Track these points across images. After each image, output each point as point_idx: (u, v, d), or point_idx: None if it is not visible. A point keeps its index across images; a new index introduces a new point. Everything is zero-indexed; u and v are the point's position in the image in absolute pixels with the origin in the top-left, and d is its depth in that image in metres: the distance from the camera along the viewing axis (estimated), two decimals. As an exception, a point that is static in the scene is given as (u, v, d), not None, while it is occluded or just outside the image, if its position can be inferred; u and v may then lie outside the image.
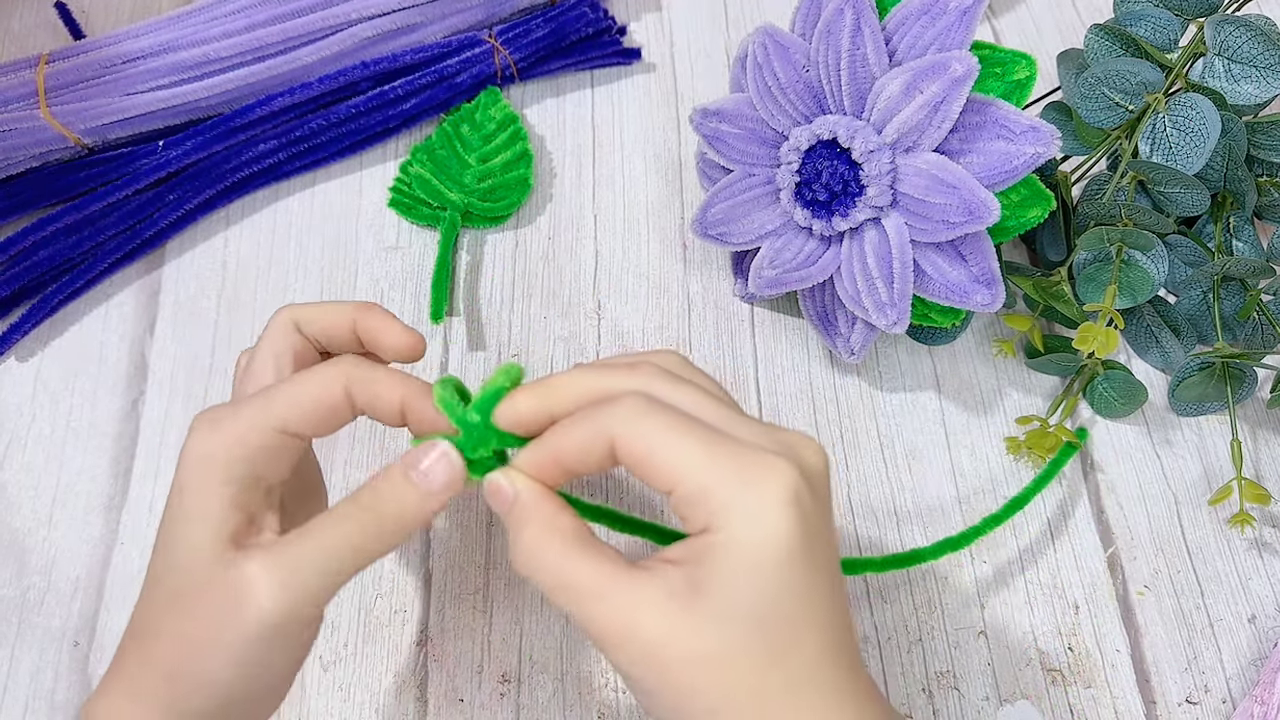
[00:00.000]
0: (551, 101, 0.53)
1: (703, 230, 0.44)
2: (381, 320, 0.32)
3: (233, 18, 0.48)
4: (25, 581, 0.40)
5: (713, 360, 0.46)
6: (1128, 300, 0.42)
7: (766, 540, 0.25)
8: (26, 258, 0.45)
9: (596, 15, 0.52)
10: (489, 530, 0.42)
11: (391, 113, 0.50)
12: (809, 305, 0.44)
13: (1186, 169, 0.40)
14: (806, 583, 0.26)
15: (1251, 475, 0.44)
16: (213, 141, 0.47)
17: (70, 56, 0.47)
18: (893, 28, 0.38)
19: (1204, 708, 0.39)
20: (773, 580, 0.25)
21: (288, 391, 0.29)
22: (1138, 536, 0.42)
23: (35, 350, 0.45)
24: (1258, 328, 0.44)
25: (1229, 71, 0.41)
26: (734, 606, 0.25)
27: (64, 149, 0.47)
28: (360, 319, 0.32)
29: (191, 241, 0.48)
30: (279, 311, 0.32)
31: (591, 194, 0.50)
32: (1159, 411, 0.45)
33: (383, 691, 0.39)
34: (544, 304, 0.47)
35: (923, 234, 0.38)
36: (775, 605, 0.25)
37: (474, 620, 0.40)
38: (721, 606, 0.25)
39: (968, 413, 0.45)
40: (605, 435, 0.27)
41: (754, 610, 0.25)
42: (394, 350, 0.32)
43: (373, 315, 0.32)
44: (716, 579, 0.25)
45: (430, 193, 0.48)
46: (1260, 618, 0.41)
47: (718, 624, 0.25)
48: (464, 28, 0.52)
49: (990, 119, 0.37)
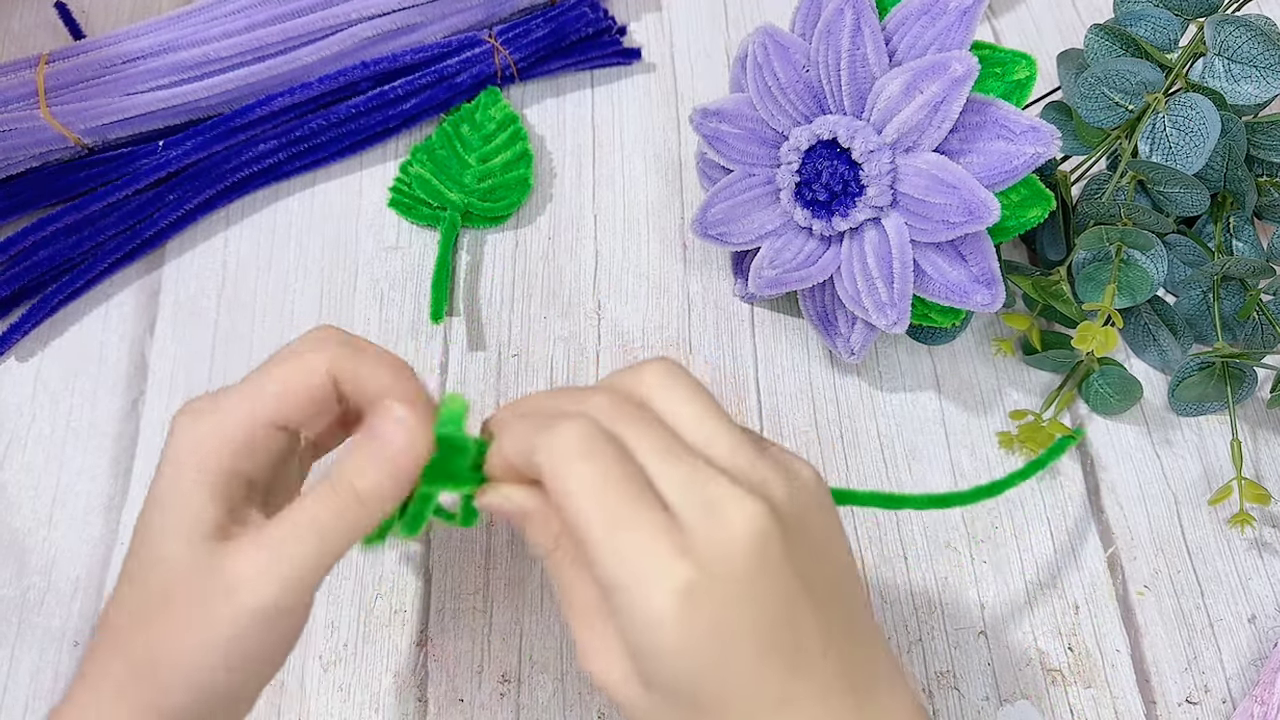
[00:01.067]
0: (551, 101, 0.53)
1: (703, 230, 0.44)
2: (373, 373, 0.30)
3: (233, 18, 0.48)
4: (25, 581, 0.40)
5: (713, 360, 0.46)
6: (1127, 300, 0.42)
7: (647, 626, 0.25)
8: (26, 258, 0.45)
9: (596, 15, 0.52)
10: (488, 530, 0.42)
11: (391, 113, 0.50)
12: (809, 305, 0.44)
13: (1186, 169, 0.40)
14: (714, 655, 0.25)
15: (1251, 475, 0.44)
16: (213, 141, 0.47)
17: (70, 56, 0.47)
18: (893, 28, 0.38)
19: (1204, 708, 0.39)
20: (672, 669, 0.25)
21: (268, 380, 0.28)
22: (1138, 536, 0.42)
23: (35, 350, 0.45)
24: (1257, 328, 0.44)
25: (1229, 71, 0.41)
26: (657, 685, 0.26)
27: (64, 149, 0.47)
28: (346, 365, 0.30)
29: (191, 241, 0.48)
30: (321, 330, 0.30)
31: (591, 194, 0.50)
32: (1159, 411, 0.45)
33: (383, 691, 0.39)
34: (544, 304, 0.47)
35: (923, 234, 0.38)
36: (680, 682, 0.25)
37: (474, 620, 0.40)
38: (649, 682, 0.26)
39: (968, 412, 0.45)
40: (531, 461, 0.27)
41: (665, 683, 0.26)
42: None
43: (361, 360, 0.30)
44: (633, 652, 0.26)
45: (430, 193, 0.48)
46: (1260, 618, 0.41)
47: (650, 696, 0.26)
48: (464, 28, 0.52)
49: (990, 119, 0.37)
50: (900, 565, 0.42)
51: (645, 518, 0.25)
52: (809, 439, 0.44)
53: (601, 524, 0.25)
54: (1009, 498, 0.43)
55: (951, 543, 0.42)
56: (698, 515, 0.25)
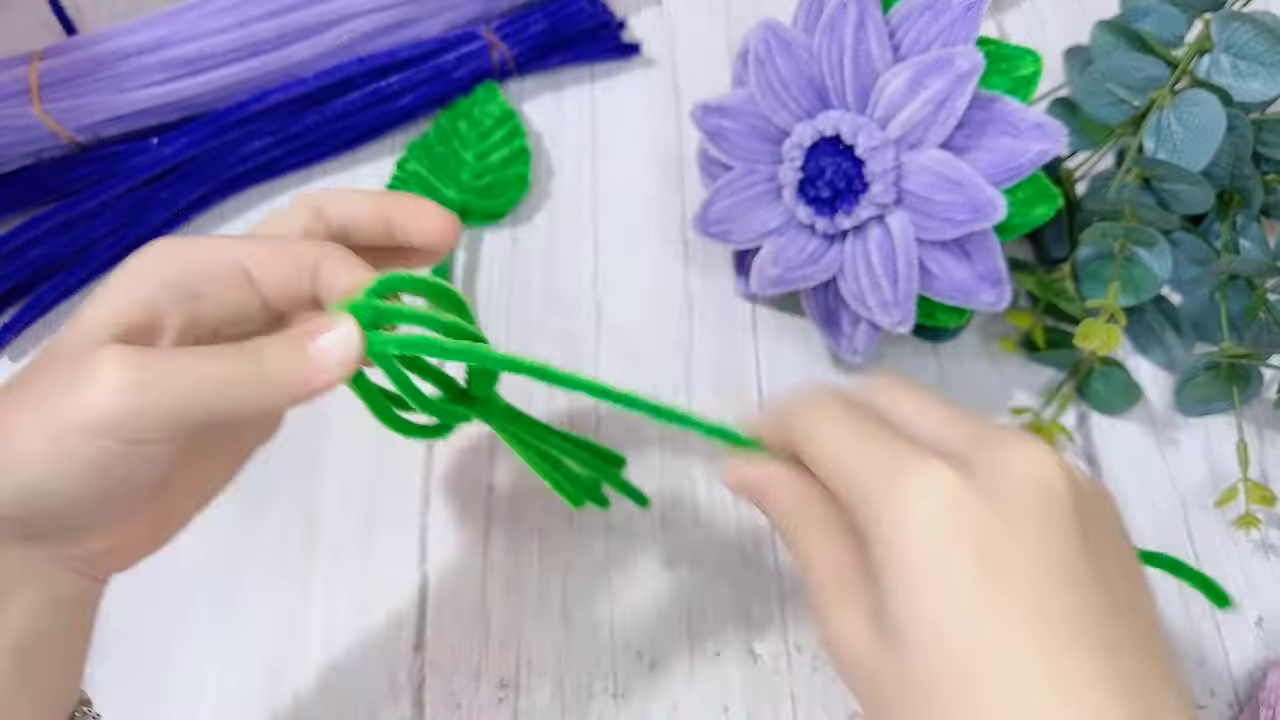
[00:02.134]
0: (550, 97, 0.52)
1: (704, 228, 0.44)
2: (411, 203, 0.30)
3: (226, 13, 0.47)
4: (17, 584, 0.40)
5: (714, 360, 0.45)
6: (1131, 297, 0.42)
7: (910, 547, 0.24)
8: (19, 256, 0.45)
9: (595, 9, 0.52)
10: (487, 534, 0.41)
11: (387, 109, 0.49)
12: (812, 304, 0.43)
13: (1191, 166, 0.40)
14: (980, 597, 0.23)
15: (1258, 476, 0.43)
16: (207, 138, 0.47)
17: (63, 53, 0.47)
18: (897, 23, 0.38)
19: (1210, 711, 0.39)
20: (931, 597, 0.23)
21: (259, 232, 0.28)
22: (1143, 537, 0.42)
23: (28, 349, 0.45)
24: (1264, 327, 0.44)
25: (1235, 68, 0.41)
26: (906, 633, 0.24)
27: (57, 146, 0.47)
28: (386, 203, 0.30)
29: (186, 239, 0.48)
30: (300, 196, 0.30)
31: (591, 191, 0.49)
32: (1164, 412, 0.45)
33: (378, 697, 0.38)
34: (542, 302, 0.46)
35: (928, 232, 0.38)
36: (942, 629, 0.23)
37: (471, 625, 0.39)
38: (898, 633, 0.24)
39: (973, 412, 0.44)
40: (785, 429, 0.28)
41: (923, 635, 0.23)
42: (425, 234, 0.30)
43: (401, 200, 0.30)
44: (887, 600, 0.24)
45: (427, 190, 0.48)
46: (1267, 620, 0.40)
47: (899, 655, 0.24)
48: (461, 22, 0.51)
49: (996, 115, 0.37)
50: (903, 567, 0.41)
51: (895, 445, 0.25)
52: (811, 439, 0.44)
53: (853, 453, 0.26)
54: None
55: (955, 544, 0.42)
56: (982, 455, 0.25)
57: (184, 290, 0.26)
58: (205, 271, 0.26)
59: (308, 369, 0.26)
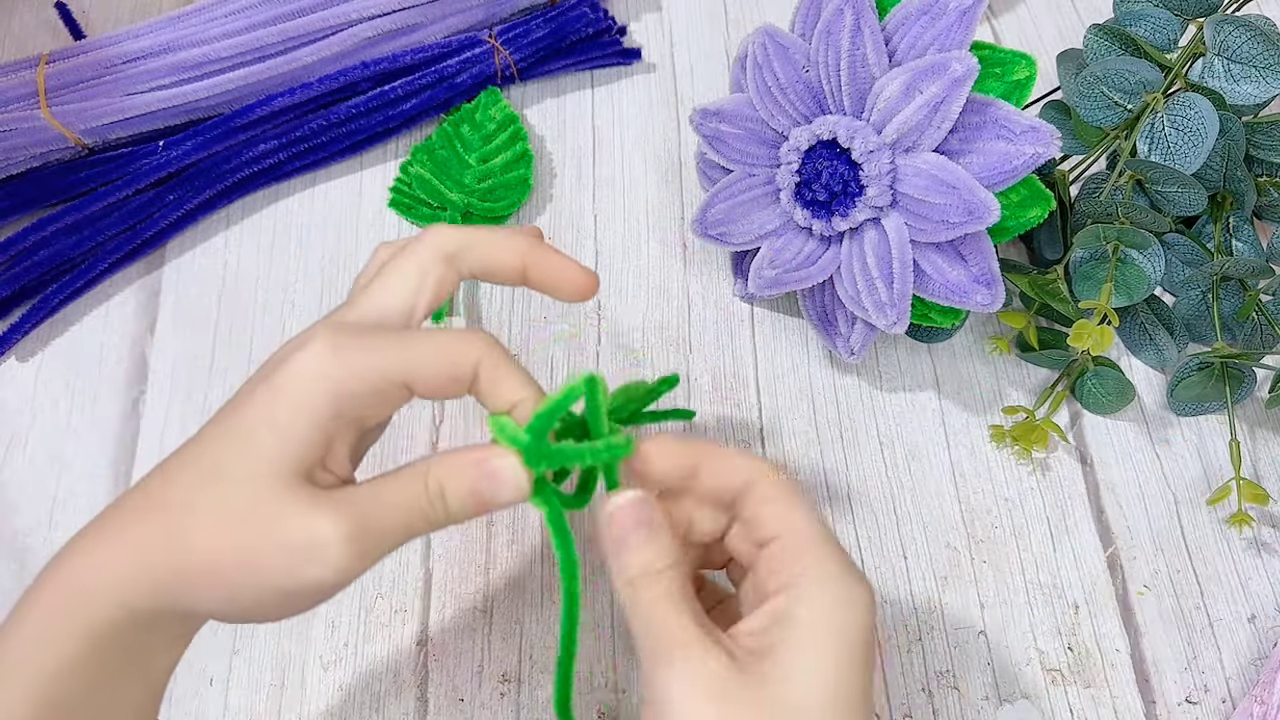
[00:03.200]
0: (551, 102, 0.53)
1: (703, 230, 0.44)
2: (555, 259, 0.30)
3: (233, 18, 0.48)
4: (26, 582, 0.40)
5: (713, 360, 0.46)
6: (1124, 298, 0.42)
7: (846, 630, 0.26)
8: (27, 258, 0.45)
9: (596, 15, 0.52)
10: (489, 530, 0.42)
11: (392, 113, 0.50)
12: (809, 305, 0.44)
13: (1184, 168, 0.40)
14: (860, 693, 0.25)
15: (1250, 475, 0.44)
16: (213, 142, 0.47)
17: (70, 56, 0.47)
18: (892, 28, 0.38)
19: (1204, 707, 0.39)
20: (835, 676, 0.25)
21: (425, 348, 0.27)
22: (1137, 536, 0.42)
23: (35, 350, 0.46)
24: (1257, 328, 0.44)
25: (1228, 71, 0.41)
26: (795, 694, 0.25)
27: (64, 149, 0.47)
28: (532, 258, 0.30)
29: (192, 242, 0.48)
30: (432, 231, 0.29)
31: (591, 194, 0.50)
32: (1158, 411, 0.45)
33: (383, 692, 0.39)
34: (544, 304, 0.47)
35: (922, 234, 0.38)
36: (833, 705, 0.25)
37: (474, 620, 0.40)
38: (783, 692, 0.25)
39: (967, 412, 0.45)
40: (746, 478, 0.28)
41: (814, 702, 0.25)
42: (568, 290, 0.30)
43: (545, 254, 0.30)
44: (786, 657, 0.25)
45: (430, 193, 0.48)
46: (1260, 617, 0.41)
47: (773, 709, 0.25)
48: (464, 28, 0.52)
49: (990, 119, 0.37)
50: (900, 565, 0.42)
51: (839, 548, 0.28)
52: (809, 439, 0.44)
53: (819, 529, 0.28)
54: (1009, 498, 0.43)
55: (951, 542, 0.42)
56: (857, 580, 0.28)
57: (353, 419, 0.27)
58: (372, 398, 0.27)
59: (479, 509, 0.28)
